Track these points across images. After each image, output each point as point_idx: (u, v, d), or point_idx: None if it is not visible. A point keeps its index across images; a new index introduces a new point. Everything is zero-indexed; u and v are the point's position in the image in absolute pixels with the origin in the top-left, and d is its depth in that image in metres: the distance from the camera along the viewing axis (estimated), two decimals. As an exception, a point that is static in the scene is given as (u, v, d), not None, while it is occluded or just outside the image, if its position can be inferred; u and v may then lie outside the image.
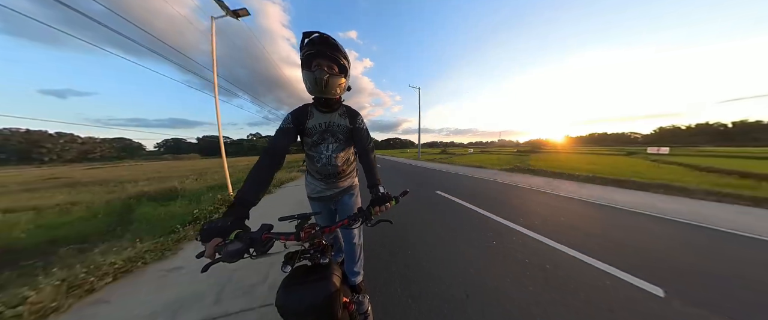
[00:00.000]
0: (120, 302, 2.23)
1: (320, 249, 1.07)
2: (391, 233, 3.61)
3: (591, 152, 37.95)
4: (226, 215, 1.04)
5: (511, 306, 2.01)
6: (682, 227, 3.76)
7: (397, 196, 1.22)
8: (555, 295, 2.13)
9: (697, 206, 4.94)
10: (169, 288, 2.41)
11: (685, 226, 3.81)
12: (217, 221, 0.98)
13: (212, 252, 0.90)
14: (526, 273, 2.48)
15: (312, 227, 1.11)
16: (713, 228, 3.70)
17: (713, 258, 2.76)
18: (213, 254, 0.91)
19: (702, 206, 4.94)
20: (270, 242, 0.99)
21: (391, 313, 1.94)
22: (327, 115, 1.49)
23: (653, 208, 4.81)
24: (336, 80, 1.34)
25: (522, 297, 2.11)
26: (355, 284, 1.86)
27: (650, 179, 7.51)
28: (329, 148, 1.52)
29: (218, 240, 0.92)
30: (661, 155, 22.72)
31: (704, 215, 4.31)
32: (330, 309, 0.95)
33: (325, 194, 1.68)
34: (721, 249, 3.02)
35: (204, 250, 0.91)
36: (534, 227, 3.75)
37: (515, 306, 2.01)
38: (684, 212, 4.49)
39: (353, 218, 1.15)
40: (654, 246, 3.09)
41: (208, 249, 0.90)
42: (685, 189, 6.21)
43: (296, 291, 0.95)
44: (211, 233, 0.94)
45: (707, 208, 4.82)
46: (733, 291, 2.18)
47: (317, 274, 1.00)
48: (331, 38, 1.29)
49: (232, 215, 1.04)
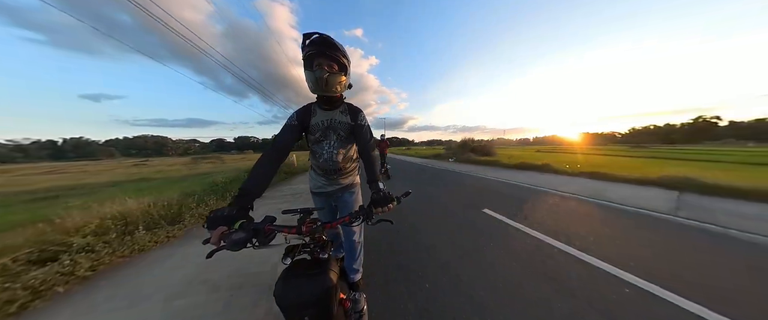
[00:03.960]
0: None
1: (320, 244, 1.09)
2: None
3: (645, 154, 25.38)
4: (232, 204, 1.05)
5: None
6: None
7: (399, 196, 1.21)
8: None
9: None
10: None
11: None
12: (223, 210, 1.00)
13: (217, 239, 0.92)
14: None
15: (313, 222, 1.12)
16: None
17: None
18: (218, 241, 0.92)
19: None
20: (272, 233, 1.02)
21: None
22: (329, 112, 1.54)
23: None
24: (336, 78, 1.39)
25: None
26: (354, 281, 1.89)
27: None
28: (331, 145, 1.57)
29: (223, 228, 0.94)
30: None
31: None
32: (326, 304, 0.97)
33: (326, 190, 1.73)
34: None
35: (210, 237, 0.93)
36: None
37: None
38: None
39: (355, 215, 1.15)
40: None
41: (214, 237, 0.92)
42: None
43: (295, 283, 0.97)
44: (217, 221, 0.95)
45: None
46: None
47: (316, 268, 1.02)
48: (330, 38, 1.34)
49: (237, 205, 1.06)
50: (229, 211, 1.00)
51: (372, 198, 1.19)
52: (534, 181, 7.45)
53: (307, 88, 1.47)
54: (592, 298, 1.99)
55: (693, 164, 11.40)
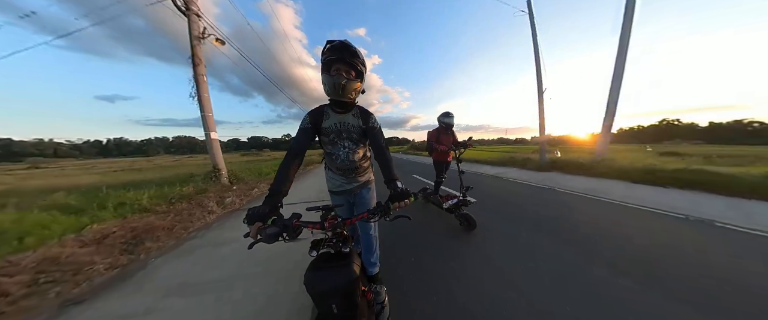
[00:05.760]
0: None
1: (342, 239, 1.18)
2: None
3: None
4: (265, 203, 1.18)
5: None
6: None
7: (416, 193, 1.26)
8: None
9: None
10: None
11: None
12: (258, 208, 1.13)
13: (255, 233, 1.05)
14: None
15: (334, 218, 1.22)
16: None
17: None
18: (256, 235, 1.05)
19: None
20: (299, 229, 1.12)
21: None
22: (341, 116, 1.60)
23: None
24: (352, 84, 1.45)
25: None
26: (373, 274, 1.95)
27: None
28: (346, 146, 1.65)
29: (259, 224, 1.06)
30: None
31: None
32: (351, 294, 1.06)
33: (346, 188, 1.82)
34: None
35: (249, 231, 1.06)
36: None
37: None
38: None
39: (373, 211, 1.20)
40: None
41: (253, 231, 1.05)
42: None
43: (322, 274, 1.07)
44: (254, 218, 1.08)
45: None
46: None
47: (340, 261, 1.11)
48: (351, 45, 1.41)
49: (269, 203, 1.18)
50: (263, 209, 1.12)
51: (390, 194, 1.24)
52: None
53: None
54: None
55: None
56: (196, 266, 2.78)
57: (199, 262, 2.87)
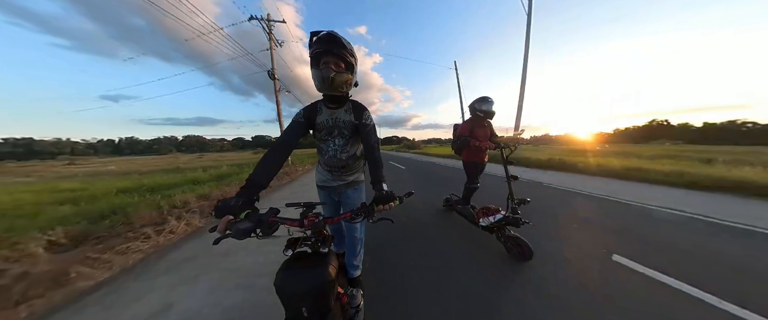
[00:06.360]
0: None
1: (322, 238, 1.11)
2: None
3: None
4: (239, 195, 1.10)
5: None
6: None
7: (401, 196, 1.20)
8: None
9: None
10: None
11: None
12: (230, 200, 1.05)
13: (224, 227, 0.96)
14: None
15: (315, 216, 1.13)
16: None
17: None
18: (224, 229, 0.96)
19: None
20: (276, 225, 1.03)
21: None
22: (334, 111, 1.55)
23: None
24: (343, 77, 1.38)
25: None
26: (354, 277, 1.94)
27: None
28: (336, 142, 1.60)
29: (230, 217, 0.98)
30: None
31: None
32: (323, 296, 1.00)
33: (331, 185, 1.76)
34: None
35: (217, 225, 0.97)
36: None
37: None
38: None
39: (356, 212, 1.15)
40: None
41: (221, 225, 0.96)
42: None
43: (294, 274, 1.00)
44: (225, 210, 1.00)
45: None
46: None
47: (315, 262, 1.05)
48: (337, 36, 1.31)
49: (244, 195, 1.10)
50: (236, 201, 1.04)
51: (374, 196, 1.19)
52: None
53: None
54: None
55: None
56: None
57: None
